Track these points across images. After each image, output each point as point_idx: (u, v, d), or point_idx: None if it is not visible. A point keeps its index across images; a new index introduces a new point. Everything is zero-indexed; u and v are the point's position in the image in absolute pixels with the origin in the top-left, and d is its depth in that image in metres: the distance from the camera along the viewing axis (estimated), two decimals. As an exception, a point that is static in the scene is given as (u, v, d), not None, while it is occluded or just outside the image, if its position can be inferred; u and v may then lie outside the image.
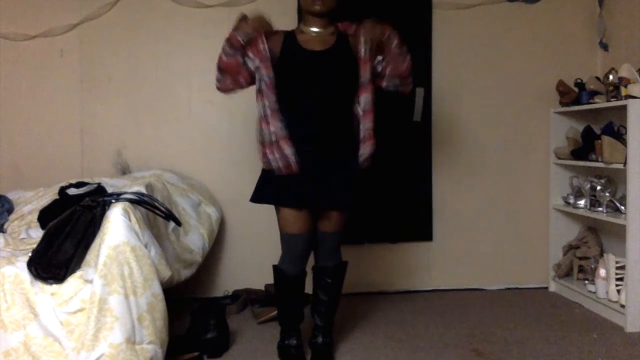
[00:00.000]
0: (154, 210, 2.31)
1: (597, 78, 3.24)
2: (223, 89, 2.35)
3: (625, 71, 2.94)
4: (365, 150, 2.32)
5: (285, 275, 2.41)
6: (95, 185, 2.76)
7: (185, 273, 2.61)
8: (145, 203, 2.26)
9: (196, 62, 3.38)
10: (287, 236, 2.37)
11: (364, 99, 2.30)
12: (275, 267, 2.44)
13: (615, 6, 3.38)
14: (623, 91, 2.90)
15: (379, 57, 2.31)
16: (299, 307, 2.51)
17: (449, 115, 3.48)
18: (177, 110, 3.39)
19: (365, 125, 2.31)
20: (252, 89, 2.33)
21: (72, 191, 2.74)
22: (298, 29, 2.38)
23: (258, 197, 2.35)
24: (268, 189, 2.32)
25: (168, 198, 2.72)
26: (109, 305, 2.02)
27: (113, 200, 2.17)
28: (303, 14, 2.39)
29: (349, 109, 2.34)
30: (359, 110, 2.32)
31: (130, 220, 2.11)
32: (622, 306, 2.86)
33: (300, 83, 2.29)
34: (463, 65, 3.48)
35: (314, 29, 2.34)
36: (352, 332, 2.82)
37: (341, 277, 2.52)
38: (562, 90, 3.34)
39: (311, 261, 2.49)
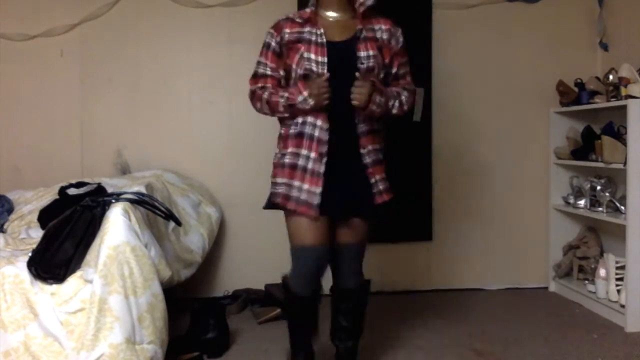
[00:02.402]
0: (154, 210, 2.31)
1: (597, 78, 3.24)
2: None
3: (625, 71, 2.93)
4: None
5: (295, 296, 2.07)
6: (95, 185, 2.76)
7: (185, 273, 2.61)
8: (145, 203, 2.26)
9: (196, 62, 3.38)
10: (300, 249, 2.02)
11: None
12: (284, 282, 2.14)
13: (615, 6, 3.37)
14: (623, 91, 2.90)
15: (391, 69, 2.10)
16: (309, 330, 2.18)
17: (449, 115, 3.48)
18: (177, 110, 3.39)
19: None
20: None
21: (72, 191, 2.74)
22: (316, 14, 2.05)
23: (270, 202, 2.10)
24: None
25: (168, 198, 2.72)
26: (109, 305, 2.02)
27: (113, 200, 2.17)
28: None
29: None
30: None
31: (130, 220, 2.11)
32: (622, 306, 2.86)
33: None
34: (463, 65, 3.48)
35: (332, 14, 2.05)
36: (352, 332, 2.81)
37: (365, 299, 2.20)
38: (562, 90, 3.34)
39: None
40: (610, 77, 3.07)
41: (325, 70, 1.96)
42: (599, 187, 3.12)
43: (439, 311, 3.15)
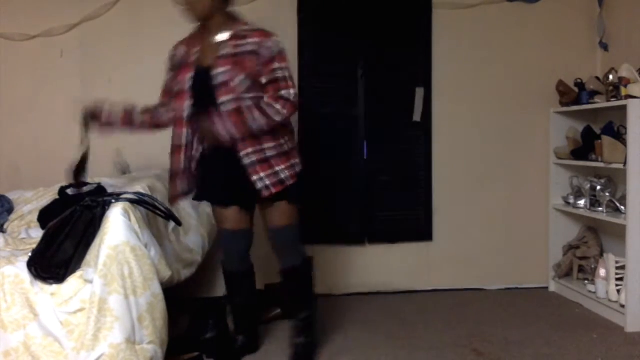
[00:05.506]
0: (154, 210, 2.31)
1: (597, 78, 3.24)
2: None
3: (625, 71, 2.93)
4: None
5: (225, 270, 2.50)
6: (95, 185, 2.76)
7: (185, 273, 2.60)
8: (145, 203, 2.26)
9: (196, 62, 3.38)
10: (219, 231, 2.48)
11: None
12: (221, 262, 2.54)
13: (615, 6, 3.38)
14: (623, 91, 2.90)
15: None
16: (245, 306, 2.53)
17: (449, 115, 3.48)
18: (177, 110, 3.38)
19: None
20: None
21: (72, 191, 2.74)
22: (202, 36, 2.39)
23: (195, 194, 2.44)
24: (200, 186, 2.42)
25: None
26: (109, 305, 2.02)
27: (113, 200, 2.17)
28: None
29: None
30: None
31: (130, 220, 2.11)
32: (622, 306, 2.86)
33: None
34: (463, 65, 3.48)
35: (212, 37, 2.32)
36: (352, 331, 2.82)
37: (301, 276, 2.43)
38: (562, 90, 3.34)
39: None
40: (610, 77, 3.07)
41: (189, 87, 2.28)
42: (599, 187, 3.12)
43: (439, 311, 3.15)
